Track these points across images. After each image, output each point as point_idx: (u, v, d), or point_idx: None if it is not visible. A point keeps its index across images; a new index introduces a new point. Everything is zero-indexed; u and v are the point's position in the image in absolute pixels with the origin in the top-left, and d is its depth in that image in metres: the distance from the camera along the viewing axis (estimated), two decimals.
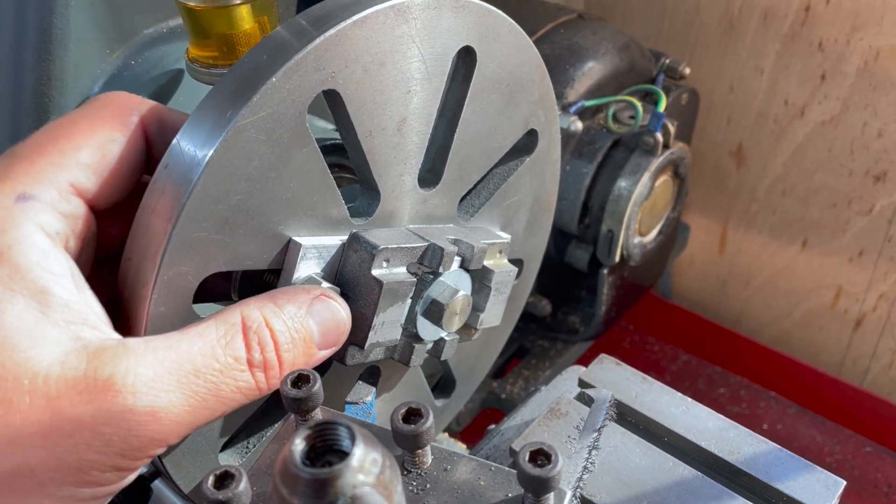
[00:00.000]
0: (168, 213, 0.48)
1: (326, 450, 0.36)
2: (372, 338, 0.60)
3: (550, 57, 1.07)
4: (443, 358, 0.68)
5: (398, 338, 0.64)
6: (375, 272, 0.58)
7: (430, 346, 0.68)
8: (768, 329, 1.60)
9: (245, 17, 0.61)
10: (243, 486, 0.41)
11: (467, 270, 0.67)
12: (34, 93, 0.68)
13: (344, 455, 0.34)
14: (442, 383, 0.84)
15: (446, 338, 0.67)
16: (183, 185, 0.48)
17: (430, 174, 0.65)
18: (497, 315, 0.72)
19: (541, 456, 0.42)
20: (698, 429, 0.70)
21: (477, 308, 0.69)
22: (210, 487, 0.41)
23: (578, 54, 1.07)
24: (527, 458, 0.42)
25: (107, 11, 0.69)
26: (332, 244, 0.58)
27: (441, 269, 0.62)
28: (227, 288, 0.60)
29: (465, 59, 0.62)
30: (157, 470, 0.70)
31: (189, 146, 0.49)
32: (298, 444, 0.35)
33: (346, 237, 0.59)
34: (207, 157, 0.48)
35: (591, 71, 1.07)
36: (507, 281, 0.70)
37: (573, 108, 1.03)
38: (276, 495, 0.35)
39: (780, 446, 0.68)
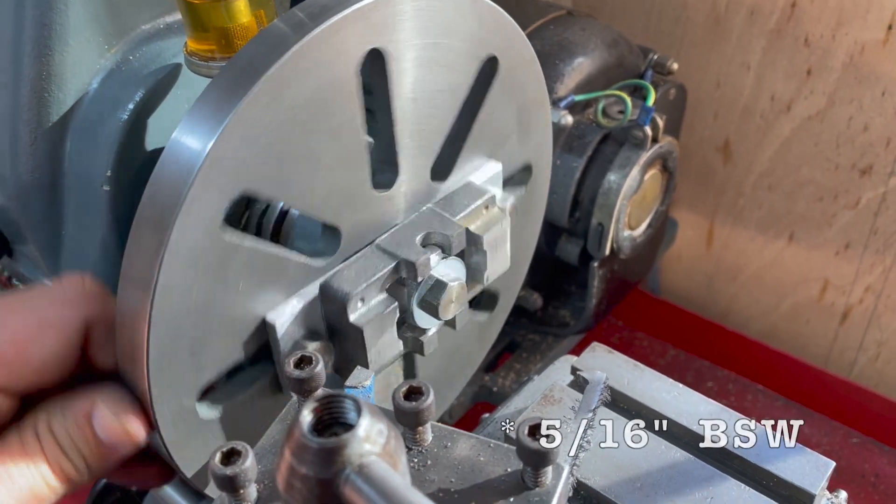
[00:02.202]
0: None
1: (332, 422, 0.37)
2: (376, 362, 0.62)
3: (540, 53, 1.07)
4: (458, 328, 0.69)
5: (401, 348, 0.66)
6: (353, 317, 0.60)
7: (436, 328, 0.69)
8: (756, 323, 1.62)
9: (242, 11, 0.63)
10: (249, 462, 0.42)
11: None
12: (33, 88, 0.69)
13: (349, 427, 0.35)
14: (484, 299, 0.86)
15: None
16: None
17: (387, 165, 0.66)
18: (503, 262, 0.72)
19: (540, 431, 0.43)
20: (690, 413, 0.71)
21: (478, 269, 0.70)
22: (217, 464, 0.42)
23: (568, 50, 1.08)
24: (526, 432, 0.43)
25: (105, 7, 0.70)
26: (306, 302, 0.60)
27: (420, 279, 0.63)
28: None
29: None
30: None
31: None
32: (307, 416, 0.36)
33: (316, 286, 0.61)
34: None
35: (581, 66, 1.09)
36: (501, 233, 0.69)
37: (563, 103, 1.05)
38: (285, 466, 0.36)
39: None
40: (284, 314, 0.58)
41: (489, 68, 0.68)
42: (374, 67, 0.58)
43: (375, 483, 0.33)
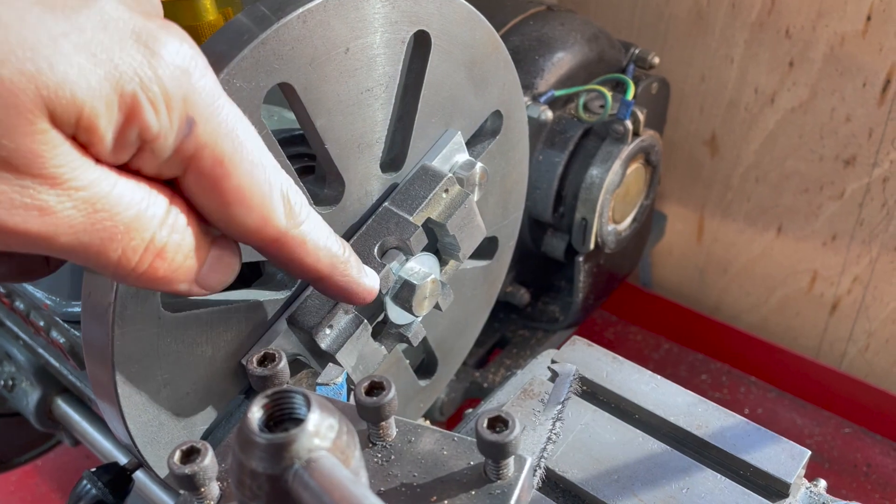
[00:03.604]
0: None
1: (285, 418, 0.37)
2: (360, 375, 0.63)
3: (520, 48, 1.08)
4: (443, 309, 0.68)
5: (385, 353, 0.66)
6: (324, 345, 0.60)
7: (418, 319, 0.69)
8: (747, 315, 1.62)
9: (209, 9, 0.63)
10: (209, 460, 0.42)
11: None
12: None
13: (301, 423, 0.35)
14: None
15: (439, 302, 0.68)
16: None
17: (331, 177, 0.63)
18: (477, 236, 0.70)
19: (499, 423, 0.43)
20: (667, 404, 0.71)
21: (452, 249, 0.68)
22: (176, 462, 0.42)
23: (547, 45, 1.08)
24: (485, 424, 0.43)
25: None
26: (279, 336, 0.61)
27: (384, 291, 0.62)
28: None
29: None
30: (138, 463, 0.71)
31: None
32: (256, 412, 0.36)
33: (282, 322, 0.61)
34: None
35: (561, 61, 1.09)
36: (467, 212, 0.67)
37: (543, 98, 1.05)
38: (236, 462, 0.36)
39: (746, 419, 0.69)
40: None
41: (421, 42, 0.64)
42: (287, 94, 0.56)
43: (322, 478, 0.33)
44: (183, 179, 0.44)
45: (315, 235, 0.49)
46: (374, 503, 0.32)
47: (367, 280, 0.55)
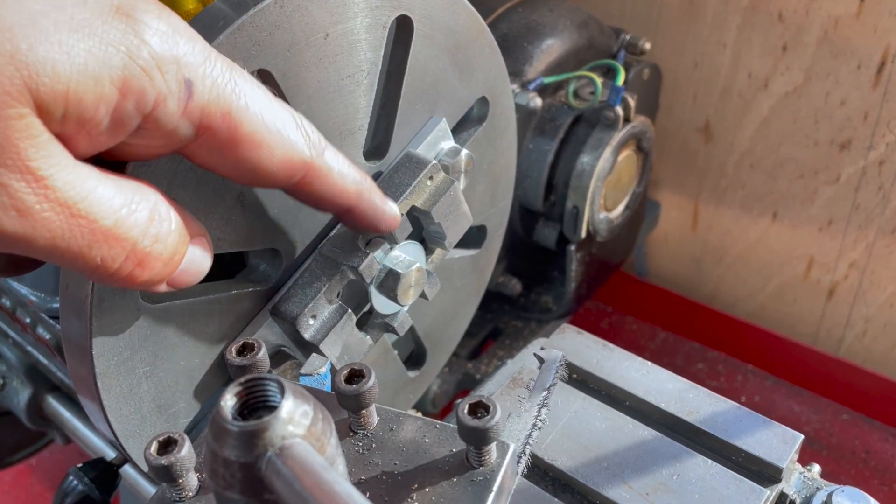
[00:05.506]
0: None
1: (259, 406, 0.37)
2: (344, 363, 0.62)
3: (509, 35, 1.07)
4: (430, 298, 0.68)
5: (371, 342, 0.65)
6: (308, 335, 0.59)
7: (405, 309, 0.68)
8: (743, 303, 1.61)
9: None
10: (186, 451, 0.42)
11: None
12: None
13: (275, 410, 0.35)
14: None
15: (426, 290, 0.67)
16: None
17: None
18: (463, 223, 0.69)
19: (480, 408, 0.43)
20: (658, 391, 0.70)
21: (437, 238, 0.68)
22: (153, 453, 0.42)
23: (536, 32, 1.07)
24: (466, 410, 0.42)
25: None
26: (263, 326, 0.60)
27: (368, 280, 0.62)
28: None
29: None
30: (125, 458, 0.71)
31: None
32: (229, 400, 0.35)
33: (265, 313, 0.60)
34: None
35: (550, 48, 1.08)
36: (452, 199, 0.66)
37: (532, 85, 1.04)
38: (209, 451, 0.35)
39: (738, 404, 0.69)
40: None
41: (403, 27, 0.63)
42: (265, 81, 0.55)
43: (295, 464, 0.33)
44: (196, 147, 0.43)
45: (339, 163, 0.50)
46: (345, 488, 0.32)
47: (390, 206, 0.56)
